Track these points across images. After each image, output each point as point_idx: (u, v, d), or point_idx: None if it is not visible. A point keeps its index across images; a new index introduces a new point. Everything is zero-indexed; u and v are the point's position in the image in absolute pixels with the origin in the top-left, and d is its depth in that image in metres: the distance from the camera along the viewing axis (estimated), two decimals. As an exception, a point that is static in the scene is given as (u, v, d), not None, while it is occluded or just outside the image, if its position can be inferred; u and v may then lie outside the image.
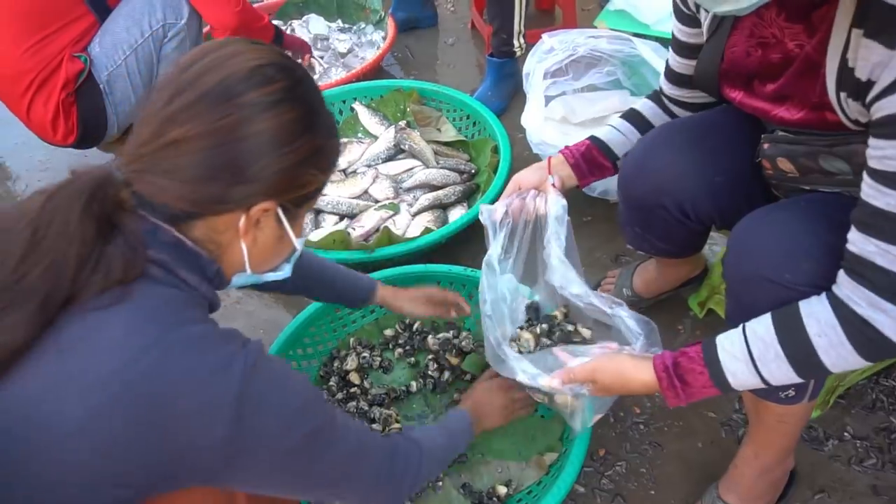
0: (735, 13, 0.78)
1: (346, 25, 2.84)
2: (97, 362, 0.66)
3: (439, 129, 2.16)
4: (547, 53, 1.96)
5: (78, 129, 1.96)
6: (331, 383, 1.46)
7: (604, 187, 1.77)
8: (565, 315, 1.30)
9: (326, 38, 2.73)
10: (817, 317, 0.83)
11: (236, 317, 1.75)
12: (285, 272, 0.91)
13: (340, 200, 1.91)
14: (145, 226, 0.73)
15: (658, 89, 1.32)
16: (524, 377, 1.08)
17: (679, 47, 1.19)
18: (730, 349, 0.90)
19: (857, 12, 0.80)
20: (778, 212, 0.96)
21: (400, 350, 1.52)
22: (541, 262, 1.29)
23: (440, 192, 1.91)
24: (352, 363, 1.47)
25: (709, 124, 1.19)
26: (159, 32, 1.94)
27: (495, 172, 1.87)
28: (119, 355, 0.66)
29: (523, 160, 2.06)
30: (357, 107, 2.25)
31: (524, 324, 1.30)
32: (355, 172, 2.03)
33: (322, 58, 2.64)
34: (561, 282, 1.13)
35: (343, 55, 2.66)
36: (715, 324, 1.55)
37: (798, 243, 0.89)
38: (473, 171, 1.99)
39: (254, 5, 2.33)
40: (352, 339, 1.54)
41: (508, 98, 2.37)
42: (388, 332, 1.56)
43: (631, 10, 2.28)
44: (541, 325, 1.31)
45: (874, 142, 0.78)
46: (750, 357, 0.88)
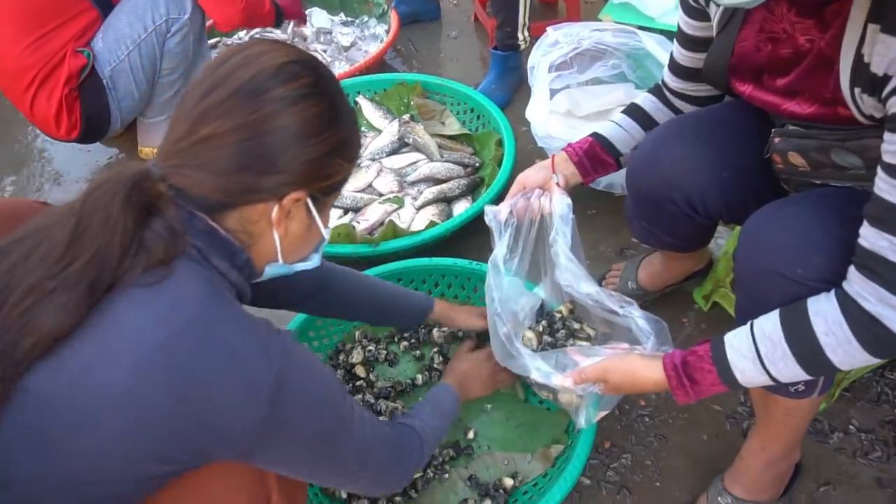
0: (743, 6, 0.78)
1: (349, 19, 2.83)
2: (144, 335, 0.69)
3: (443, 123, 2.16)
4: (551, 47, 1.95)
5: (81, 124, 1.97)
6: (337, 376, 1.46)
7: (608, 181, 1.77)
8: (571, 311, 1.31)
9: (329, 32, 2.72)
10: (825, 315, 0.83)
11: (242, 310, 1.75)
12: (314, 262, 0.95)
13: (345, 194, 1.91)
14: (182, 213, 0.76)
15: (660, 83, 1.32)
16: (537, 375, 1.09)
17: (685, 40, 1.18)
18: (738, 347, 0.90)
19: (872, 8, 0.80)
20: (790, 206, 0.96)
21: (405, 343, 1.52)
22: (545, 261, 1.30)
23: (444, 185, 1.91)
24: (357, 356, 1.47)
25: (717, 119, 1.19)
26: (162, 27, 1.94)
27: (499, 166, 1.87)
28: (165, 328, 0.69)
29: (527, 153, 2.06)
30: (361, 100, 2.25)
31: (531, 322, 1.31)
32: (359, 166, 2.03)
33: (325, 51, 2.63)
34: (570, 280, 1.13)
35: (346, 49, 2.65)
36: (719, 317, 1.55)
37: (810, 238, 0.88)
38: (477, 164, 1.99)
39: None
40: (357, 333, 1.54)
41: (512, 91, 2.36)
42: (394, 325, 1.57)
43: (635, 3, 2.27)
44: (542, 322, 1.32)
45: (890, 136, 0.78)
46: (758, 355, 0.88)
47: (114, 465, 0.69)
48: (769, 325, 0.88)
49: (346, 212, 1.91)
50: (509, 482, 1.25)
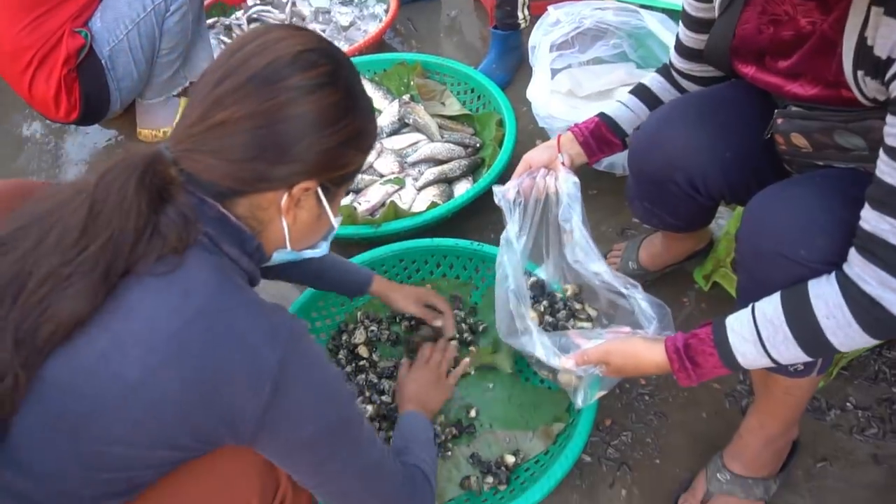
0: None
1: (348, -2, 2.80)
2: (158, 324, 0.69)
3: (444, 103, 2.15)
4: (553, 26, 1.94)
5: (80, 106, 1.95)
6: (339, 356, 1.47)
7: (610, 161, 1.77)
8: (575, 293, 1.32)
9: (328, 12, 2.69)
10: (825, 298, 0.84)
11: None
12: (323, 249, 0.94)
13: (346, 175, 1.91)
14: (193, 200, 0.76)
15: (667, 63, 1.32)
16: (542, 352, 1.10)
17: (689, 21, 1.18)
18: (739, 330, 0.91)
19: None
20: (793, 187, 0.96)
21: (407, 323, 1.53)
22: (548, 242, 1.30)
23: (445, 166, 1.91)
24: (360, 336, 1.48)
25: (720, 99, 1.19)
26: (161, 6, 1.91)
27: (500, 146, 1.87)
28: (178, 317, 0.70)
29: (528, 133, 2.05)
30: (360, 81, 2.23)
31: (530, 300, 1.32)
32: (360, 147, 2.02)
33: (324, 31, 2.61)
34: (580, 257, 1.14)
35: (345, 28, 2.63)
36: (720, 297, 1.56)
37: (814, 219, 0.89)
38: (478, 144, 1.99)
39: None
40: (359, 313, 1.55)
41: (513, 71, 2.35)
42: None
43: (637, -19, 2.25)
44: (543, 303, 1.33)
45: (892, 119, 0.78)
46: (759, 338, 0.89)
47: (128, 452, 0.70)
48: (770, 308, 0.88)
49: (347, 193, 1.91)
50: (511, 459, 1.27)
